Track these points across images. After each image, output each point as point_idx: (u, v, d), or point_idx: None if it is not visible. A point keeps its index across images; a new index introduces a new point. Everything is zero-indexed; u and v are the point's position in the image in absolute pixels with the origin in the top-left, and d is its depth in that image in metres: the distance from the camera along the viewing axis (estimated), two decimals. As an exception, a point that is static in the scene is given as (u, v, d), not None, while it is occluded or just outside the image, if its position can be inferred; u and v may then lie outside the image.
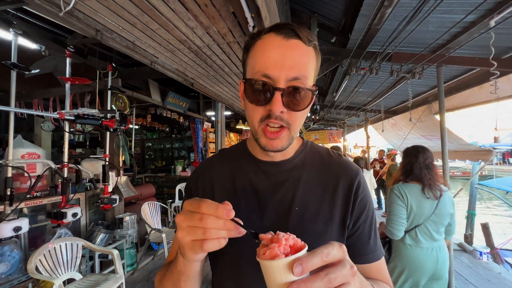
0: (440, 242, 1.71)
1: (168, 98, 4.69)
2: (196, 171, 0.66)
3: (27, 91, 4.00)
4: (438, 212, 1.66)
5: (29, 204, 2.33)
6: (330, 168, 0.60)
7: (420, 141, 5.49)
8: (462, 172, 17.66)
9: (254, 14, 1.36)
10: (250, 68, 0.51)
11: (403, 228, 1.67)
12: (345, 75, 3.53)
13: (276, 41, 0.48)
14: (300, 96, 0.49)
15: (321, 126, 9.77)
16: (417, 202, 1.67)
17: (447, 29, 2.19)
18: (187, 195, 0.65)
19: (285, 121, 0.50)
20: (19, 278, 1.88)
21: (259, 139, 0.52)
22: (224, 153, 0.68)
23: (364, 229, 0.56)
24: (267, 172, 0.59)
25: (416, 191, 1.69)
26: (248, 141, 0.65)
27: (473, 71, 3.06)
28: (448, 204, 1.70)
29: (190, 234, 0.38)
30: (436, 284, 1.72)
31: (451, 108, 4.07)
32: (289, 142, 0.53)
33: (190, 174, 0.67)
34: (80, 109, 2.27)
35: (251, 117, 0.52)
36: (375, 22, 2.25)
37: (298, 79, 0.47)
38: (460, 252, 4.24)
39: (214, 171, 0.63)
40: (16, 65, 1.90)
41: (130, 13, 1.51)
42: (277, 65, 0.46)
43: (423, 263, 1.66)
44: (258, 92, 0.48)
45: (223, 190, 0.60)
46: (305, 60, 0.49)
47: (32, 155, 2.38)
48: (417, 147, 1.81)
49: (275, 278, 0.32)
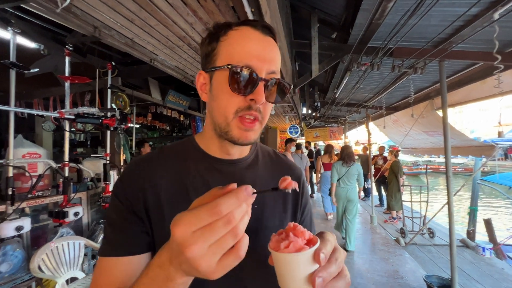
0: (349, 186, 3.90)
1: (168, 97, 4.68)
2: (129, 173, 0.52)
3: (28, 91, 4.00)
4: (347, 172, 3.88)
5: (31, 204, 2.33)
6: (280, 166, 0.65)
7: (421, 137, 5.46)
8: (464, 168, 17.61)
9: (254, 8, 1.34)
10: (226, 57, 0.48)
11: (336, 178, 3.93)
12: (346, 71, 3.50)
13: (255, 35, 0.48)
14: (278, 89, 0.50)
15: (322, 124, 9.73)
16: (340, 168, 3.93)
17: (449, 22, 2.16)
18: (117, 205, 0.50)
19: (261, 113, 0.49)
20: (22, 277, 1.88)
21: (231, 131, 0.49)
22: (165, 151, 0.57)
23: (307, 219, 0.65)
24: (222, 171, 0.55)
25: (340, 164, 3.95)
26: (199, 138, 0.59)
27: (476, 65, 3.02)
28: (354, 170, 3.89)
29: (217, 250, 0.29)
30: (350, 203, 3.91)
31: (454, 103, 4.04)
32: (258, 136, 0.53)
33: (120, 178, 0.53)
34: (80, 108, 2.26)
35: (224, 108, 0.48)
36: (377, 16, 2.22)
37: (274, 72, 0.49)
38: (463, 248, 4.23)
39: (155, 171, 0.52)
40: (15, 64, 1.88)
41: (128, 9, 1.50)
42: (259, 57, 0.47)
43: (340, 193, 3.94)
44: (242, 81, 0.46)
45: (170, 193, 0.51)
46: (278, 56, 0.51)
47: (33, 155, 2.37)
48: (346, 147, 4.12)
49: (299, 269, 0.34)
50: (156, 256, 0.35)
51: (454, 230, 2.63)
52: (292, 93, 3.60)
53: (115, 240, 0.48)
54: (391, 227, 5.18)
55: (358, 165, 3.96)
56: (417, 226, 4.81)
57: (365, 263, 3.47)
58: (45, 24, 2.77)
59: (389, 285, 2.91)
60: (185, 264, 0.29)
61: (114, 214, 0.50)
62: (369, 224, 5.28)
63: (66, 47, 2.29)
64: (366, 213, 6.12)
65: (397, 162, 5.54)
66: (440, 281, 2.69)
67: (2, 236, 1.77)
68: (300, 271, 0.34)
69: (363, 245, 4.19)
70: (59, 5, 1.15)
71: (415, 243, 4.24)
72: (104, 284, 0.46)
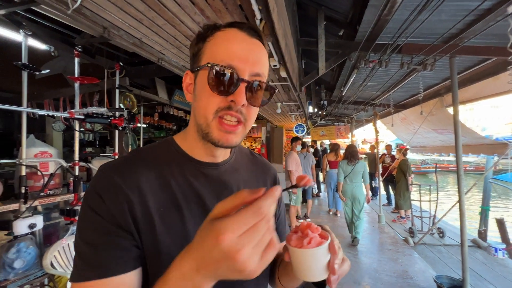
0: (356, 183, 4.00)
1: (174, 96, 4.72)
2: (108, 182, 0.45)
3: (38, 92, 4.09)
4: (353, 170, 3.98)
5: (43, 202, 2.38)
6: (258, 166, 0.66)
7: (431, 135, 5.36)
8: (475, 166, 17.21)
9: (262, 6, 1.33)
10: (209, 56, 0.47)
11: (342, 177, 4.06)
12: (353, 68, 3.46)
13: (241, 36, 0.48)
14: (261, 92, 0.49)
15: (328, 122, 9.65)
16: (346, 167, 4.04)
17: (461, 17, 2.10)
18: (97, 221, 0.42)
19: (244, 115, 0.48)
20: (35, 274, 1.92)
21: (211, 133, 0.47)
22: (143, 155, 0.51)
23: (282, 216, 0.68)
24: (207, 175, 0.54)
25: (345, 163, 4.06)
26: (181, 140, 0.55)
27: (488, 61, 2.94)
28: (359, 167, 3.97)
29: (259, 249, 0.31)
30: (357, 201, 3.98)
31: (465, 100, 3.94)
32: (241, 139, 0.51)
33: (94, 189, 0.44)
34: (89, 108, 2.29)
35: (204, 108, 0.47)
36: (385, 12, 2.18)
37: (259, 75, 0.48)
38: (474, 248, 4.14)
39: (138, 178, 0.46)
40: (27, 65, 1.92)
41: (137, 9, 1.51)
42: (243, 59, 0.46)
43: (348, 191, 4.04)
44: (222, 81, 0.45)
45: (159, 200, 0.47)
46: (264, 59, 0.50)
47: (45, 154, 2.43)
48: (350, 146, 4.30)
49: (320, 260, 0.40)
50: (173, 269, 0.34)
51: (466, 230, 2.57)
52: (298, 92, 3.58)
53: (99, 260, 0.41)
54: (399, 227, 5.11)
55: (363, 162, 4.08)
56: (426, 226, 4.73)
57: (373, 263, 3.43)
58: (55, 26, 2.82)
59: (398, 285, 2.87)
60: (229, 268, 0.30)
61: (93, 232, 0.42)
62: (377, 224, 5.21)
63: (76, 48, 2.32)
64: (374, 212, 6.05)
65: (405, 160, 5.45)
66: (451, 282, 2.63)
67: (16, 234, 1.82)
68: (320, 261, 0.40)
69: (371, 244, 4.14)
70: (70, 6, 1.17)
71: (424, 243, 4.17)
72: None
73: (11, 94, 4.66)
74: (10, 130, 5.66)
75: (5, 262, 1.79)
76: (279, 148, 7.25)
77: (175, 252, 0.36)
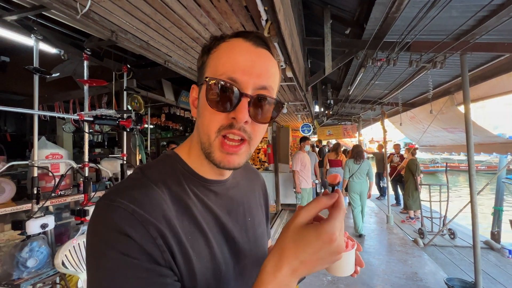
0: (361, 180, 4.41)
1: (181, 97, 4.75)
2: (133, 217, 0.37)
3: (49, 95, 4.19)
4: (359, 168, 4.36)
5: (54, 202, 2.43)
6: (249, 174, 0.67)
7: (441, 134, 5.24)
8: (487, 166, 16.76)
9: (268, 7, 1.32)
10: (211, 70, 0.45)
11: (348, 175, 4.45)
12: (361, 67, 3.41)
13: (245, 46, 0.44)
14: (267, 107, 0.44)
15: (335, 121, 9.56)
16: (352, 166, 4.41)
17: (472, 13, 2.05)
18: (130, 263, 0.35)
19: (248, 133, 0.44)
20: (47, 272, 1.97)
21: (213, 153, 0.44)
22: (150, 176, 0.45)
23: (268, 216, 0.71)
24: (217, 192, 0.52)
25: (352, 162, 4.43)
26: (186, 155, 0.51)
27: (501, 57, 2.85)
28: (365, 166, 4.38)
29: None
30: (364, 195, 4.44)
31: (476, 98, 3.84)
32: (246, 159, 0.47)
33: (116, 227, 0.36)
34: (98, 110, 2.33)
35: (206, 126, 0.44)
36: (393, 10, 2.14)
37: (265, 88, 0.44)
38: (487, 250, 4.03)
39: (160, 205, 0.41)
40: (38, 69, 1.97)
41: (144, 12, 1.52)
42: (246, 71, 0.42)
43: (355, 187, 4.42)
44: (222, 96, 0.41)
45: (185, 229, 0.43)
46: (273, 70, 0.46)
47: (56, 156, 2.48)
48: (356, 146, 4.74)
49: (352, 259, 0.45)
50: (265, 284, 0.35)
51: (478, 231, 2.51)
52: (304, 91, 3.55)
53: None
54: (408, 228, 5.02)
55: (368, 161, 4.56)
56: (436, 227, 4.63)
57: (382, 264, 3.38)
58: (65, 30, 2.88)
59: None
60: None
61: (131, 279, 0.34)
62: (385, 224, 5.14)
63: (85, 52, 2.37)
64: (382, 212, 5.97)
65: (414, 160, 5.35)
66: (463, 284, 2.57)
67: (29, 233, 1.87)
68: (352, 259, 0.45)
69: (380, 245, 4.08)
70: (79, 11, 1.19)
71: (434, 244, 4.09)
72: None
73: (23, 97, 4.79)
74: (22, 132, 5.81)
75: (19, 261, 1.84)
76: (285, 148, 7.21)
77: (208, 277, 0.39)
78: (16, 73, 3.21)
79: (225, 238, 0.50)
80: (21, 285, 1.79)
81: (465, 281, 2.61)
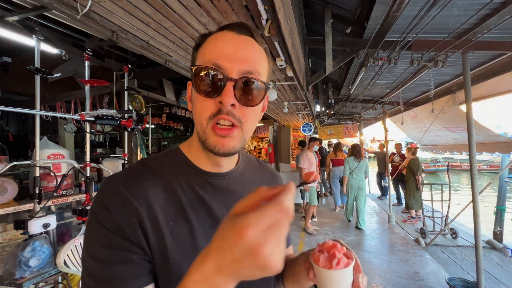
0: (360, 177, 4.76)
1: (182, 97, 4.76)
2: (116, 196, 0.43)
3: (51, 95, 4.21)
4: (358, 166, 4.72)
5: (56, 202, 2.45)
6: (264, 174, 0.66)
7: (442, 133, 5.22)
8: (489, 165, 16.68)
9: (268, 6, 1.32)
10: (198, 61, 0.47)
11: (348, 172, 4.79)
12: (362, 66, 3.40)
13: (228, 35, 0.46)
14: (253, 90, 0.45)
15: (336, 121, 9.54)
16: (352, 163, 4.76)
17: (474, 12, 2.04)
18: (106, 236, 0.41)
19: (237, 118, 0.45)
20: (50, 272, 1.98)
21: (208, 139, 0.46)
22: (150, 165, 0.50)
23: None
24: (216, 185, 0.52)
25: (352, 159, 4.77)
26: (187, 149, 0.54)
27: (503, 56, 2.84)
28: (363, 163, 4.74)
29: (281, 243, 0.29)
30: (361, 191, 4.77)
31: (478, 97, 3.82)
32: (241, 144, 0.48)
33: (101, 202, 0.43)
34: (99, 110, 2.34)
35: (199, 114, 0.46)
36: (394, 8, 2.13)
37: (251, 73, 0.45)
38: (489, 249, 4.01)
39: (146, 190, 0.46)
40: (40, 69, 1.98)
41: (144, 12, 1.53)
42: (229, 57, 0.43)
43: (354, 183, 4.79)
44: (208, 82, 0.43)
45: (168, 216, 0.46)
46: (257, 55, 0.47)
47: (57, 156, 2.49)
48: (355, 145, 4.96)
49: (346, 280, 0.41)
50: (192, 273, 0.32)
51: (480, 230, 2.50)
52: (305, 91, 3.55)
53: (112, 276, 0.40)
54: (410, 227, 5.00)
55: (366, 160, 4.93)
56: (438, 226, 4.61)
57: (383, 264, 3.37)
58: (66, 31, 2.89)
59: (409, 287, 2.81)
60: (252, 265, 0.28)
61: (103, 247, 0.41)
62: (387, 224, 5.12)
63: (86, 52, 2.37)
64: (384, 212, 5.95)
65: (415, 159, 5.32)
66: (464, 284, 2.56)
67: (31, 233, 1.88)
68: (347, 281, 0.41)
69: (381, 245, 4.07)
70: (79, 11, 1.19)
71: (436, 244, 4.07)
72: None
73: (25, 97, 4.82)
74: (24, 132, 5.85)
75: (21, 260, 1.85)
76: (287, 148, 7.21)
77: (185, 266, 0.34)
78: (18, 73, 3.22)
79: None
80: (23, 284, 1.80)
81: (467, 280, 2.59)
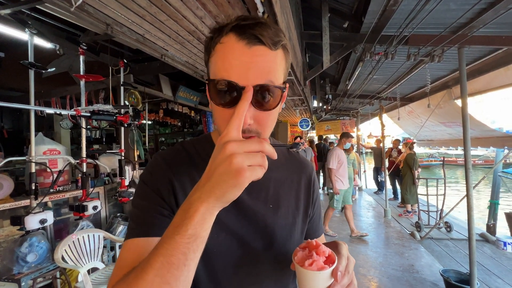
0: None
1: (179, 93, 4.73)
2: (158, 165, 0.55)
3: (45, 90, 4.15)
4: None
5: (53, 198, 2.44)
6: (293, 165, 0.66)
7: (438, 129, 5.26)
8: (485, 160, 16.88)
9: (264, -1, 1.31)
10: (211, 72, 0.47)
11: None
12: (359, 61, 3.40)
13: (238, 48, 0.43)
14: (269, 98, 0.45)
15: (333, 116, 9.56)
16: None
17: (470, 6, 2.04)
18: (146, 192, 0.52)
19: (255, 131, 0.45)
20: (47, 267, 1.99)
21: None
22: (187, 147, 0.58)
23: (316, 214, 0.69)
24: None
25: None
26: (215, 137, 0.58)
27: (498, 51, 2.85)
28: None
29: (250, 158, 0.35)
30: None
31: (474, 92, 3.85)
32: None
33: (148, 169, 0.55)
34: (95, 106, 2.32)
35: (217, 121, 0.48)
36: (391, 3, 2.13)
37: (266, 85, 0.44)
38: (482, 242, 4.09)
39: (181, 167, 0.55)
40: (34, 64, 1.95)
41: (139, 5, 1.51)
42: (241, 76, 0.42)
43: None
44: (223, 96, 0.44)
45: None
46: (271, 65, 0.45)
47: (53, 152, 2.48)
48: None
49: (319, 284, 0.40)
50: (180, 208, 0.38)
51: (474, 224, 2.54)
52: (302, 86, 3.54)
53: (145, 222, 0.49)
54: (405, 221, 5.07)
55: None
56: (433, 220, 4.68)
57: (379, 257, 3.43)
58: (60, 25, 2.84)
59: (404, 279, 2.87)
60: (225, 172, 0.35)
61: (143, 199, 0.51)
62: (383, 218, 5.19)
63: (80, 46, 2.34)
64: (380, 206, 6.02)
65: (412, 154, 5.37)
66: (458, 276, 2.62)
67: (28, 229, 1.87)
68: (320, 285, 0.40)
69: (377, 238, 4.13)
70: (73, 3, 1.17)
71: (431, 237, 4.14)
72: (133, 262, 0.44)
73: (20, 93, 4.75)
74: (19, 128, 5.78)
75: (19, 256, 1.86)
76: (284, 144, 7.23)
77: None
78: (12, 69, 3.17)
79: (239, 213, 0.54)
80: (21, 279, 1.80)
81: (460, 272, 2.65)
